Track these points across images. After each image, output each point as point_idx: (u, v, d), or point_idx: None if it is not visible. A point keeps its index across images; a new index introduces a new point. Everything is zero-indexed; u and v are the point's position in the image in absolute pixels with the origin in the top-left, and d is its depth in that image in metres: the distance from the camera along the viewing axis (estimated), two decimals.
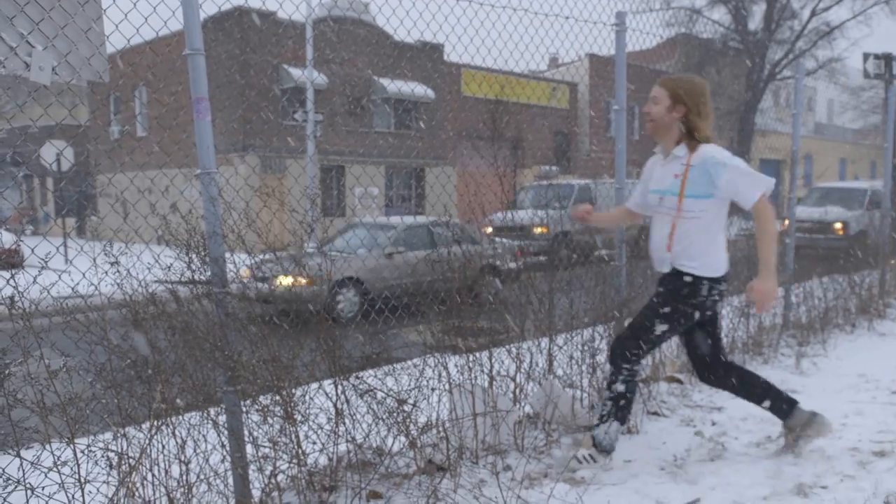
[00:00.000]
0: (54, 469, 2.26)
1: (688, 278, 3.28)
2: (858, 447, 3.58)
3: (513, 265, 5.06)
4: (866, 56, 8.30)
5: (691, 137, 3.29)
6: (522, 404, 3.83)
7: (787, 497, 3.03)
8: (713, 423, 4.04)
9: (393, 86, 21.56)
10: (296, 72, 19.62)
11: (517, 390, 3.74)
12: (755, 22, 27.40)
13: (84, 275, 2.58)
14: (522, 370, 3.79)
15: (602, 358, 4.19)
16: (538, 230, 11.23)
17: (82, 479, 2.30)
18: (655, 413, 4.19)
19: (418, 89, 22.67)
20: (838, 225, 13.88)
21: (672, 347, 4.93)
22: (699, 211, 3.25)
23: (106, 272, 2.60)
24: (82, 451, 2.35)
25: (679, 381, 4.71)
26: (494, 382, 3.64)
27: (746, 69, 27.00)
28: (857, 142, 44.47)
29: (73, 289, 2.49)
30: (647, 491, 3.13)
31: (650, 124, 3.37)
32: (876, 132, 37.00)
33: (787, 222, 7.26)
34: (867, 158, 42.26)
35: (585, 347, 4.13)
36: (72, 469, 2.31)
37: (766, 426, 3.96)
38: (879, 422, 3.97)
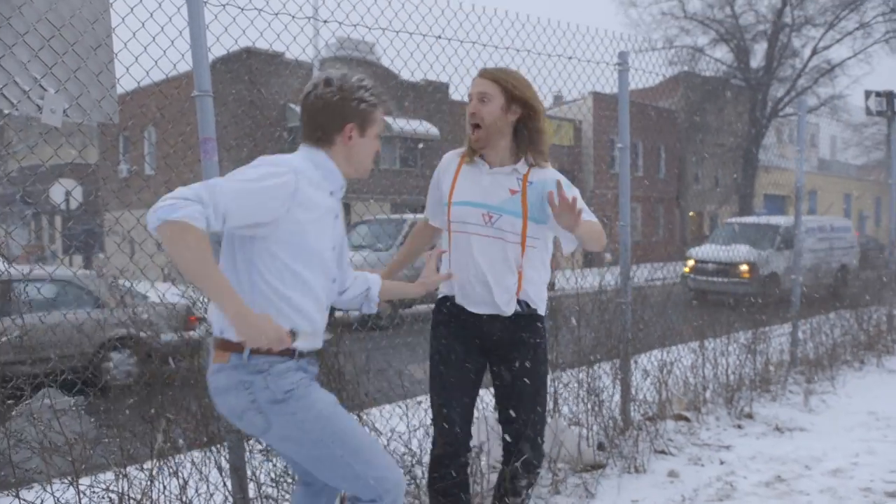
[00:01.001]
0: None
1: (539, 323, 2.67)
2: (871, 487, 3.53)
3: None
4: (868, 93, 8.36)
5: (538, 150, 2.60)
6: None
7: None
8: (721, 462, 3.99)
9: (398, 124, 21.78)
10: None
11: None
12: (757, 60, 27.73)
13: (89, 314, 2.59)
14: None
15: (606, 396, 4.17)
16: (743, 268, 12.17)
17: None
18: (663, 451, 4.14)
19: (423, 127, 22.91)
20: (744, 267, 11.99)
21: (679, 384, 4.90)
22: (543, 238, 2.64)
23: (111, 309, 2.61)
24: (83, 493, 2.33)
25: (686, 419, 4.66)
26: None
27: (749, 106, 27.22)
28: (862, 178, 44.58)
29: (77, 328, 2.50)
30: None
31: (478, 131, 2.52)
32: (880, 168, 37.11)
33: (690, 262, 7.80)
34: (872, 194, 42.32)
35: (591, 385, 4.10)
36: None
37: (775, 465, 3.91)
38: (892, 461, 3.92)
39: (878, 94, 8.32)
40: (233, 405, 2.00)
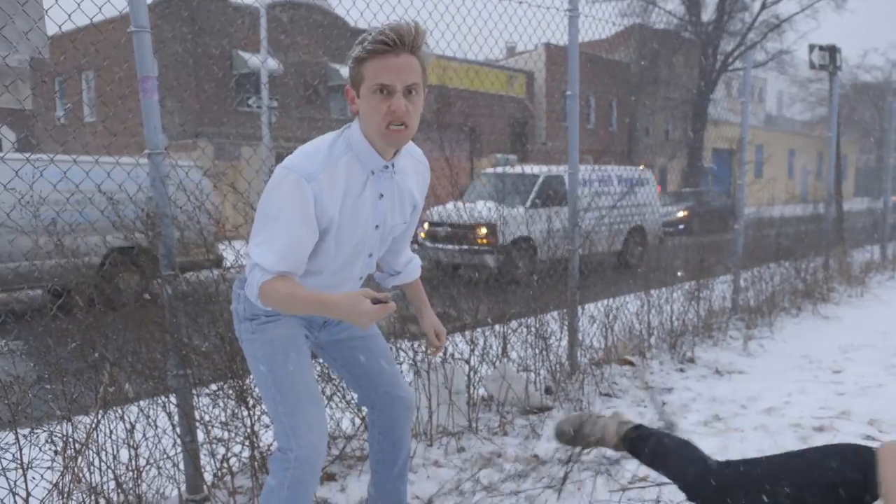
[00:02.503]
0: None
1: None
2: (801, 423, 3.70)
3: None
4: (812, 47, 8.51)
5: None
6: (477, 386, 3.85)
7: None
8: (664, 403, 4.13)
9: (348, 71, 21.36)
10: (249, 56, 19.29)
11: (472, 373, 3.76)
12: (708, 14, 27.91)
13: (25, 257, 2.51)
14: (477, 353, 3.82)
15: (554, 341, 4.25)
16: (481, 231, 8.96)
17: (24, 464, 2.24)
18: (608, 394, 4.27)
19: None
20: (481, 230, 8.78)
21: (625, 331, 5.03)
22: None
23: (48, 253, 2.53)
24: (24, 436, 2.29)
25: (631, 364, 4.79)
26: (448, 365, 3.65)
27: (699, 60, 27.48)
28: (806, 133, 45.68)
29: (13, 269, 2.42)
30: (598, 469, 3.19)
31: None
32: (823, 124, 38.05)
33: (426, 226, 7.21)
34: (815, 149, 43.45)
35: (539, 331, 4.17)
36: (13, 455, 2.25)
37: (714, 405, 4.06)
38: (820, 399, 4.11)
39: (821, 48, 8.47)
40: (233, 309, 2.17)
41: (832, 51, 8.50)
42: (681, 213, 15.45)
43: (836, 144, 8.98)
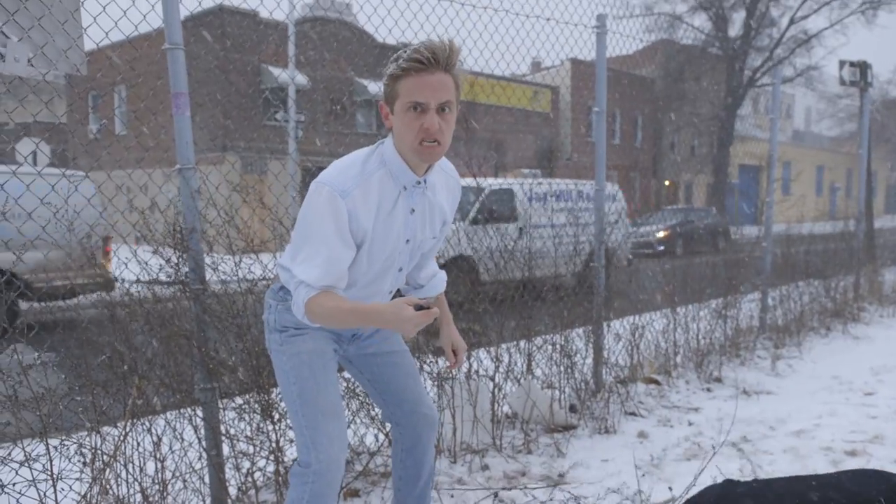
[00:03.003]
0: (25, 465, 2.23)
1: None
2: (832, 447, 3.63)
3: None
4: (842, 63, 8.41)
5: None
6: (501, 403, 3.83)
7: None
8: (689, 424, 4.07)
9: (374, 87, 21.53)
10: (277, 71, 19.53)
11: (496, 390, 3.74)
12: (735, 29, 27.75)
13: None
14: (501, 370, 3.80)
15: (579, 358, 4.22)
16: None
17: (54, 476, 2.27)
18: (633, 413, 4.22)
19: None
20: None
21: (651, 349, 4.97)
22: None
23: (81, 266, 2.57)
24: (55, 448, 2.32)
25: (657, 383, 4.74)
26: (472, 382, 3.64)
27: (726, 76, 27.31)
28: (834, 149, 45.10)
29: (47, 284, 2.46)
30: (623, 490, 3.15)
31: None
32: (852, 140, 37.58)
33: None
34: (844, 166, 42.89)
35: (564, 348, 4.14)
36: (44, 465, 2.28)
37: (742, 426, 4.00)
38: (852, 422, 4.03)
39: (851, 64, 8.37)
40: (264, 319, 2.19)
41: (863, 67, 8.40)
42: (661, 234, 13.44)
43: (867, 161, 8.85)
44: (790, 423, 4.04)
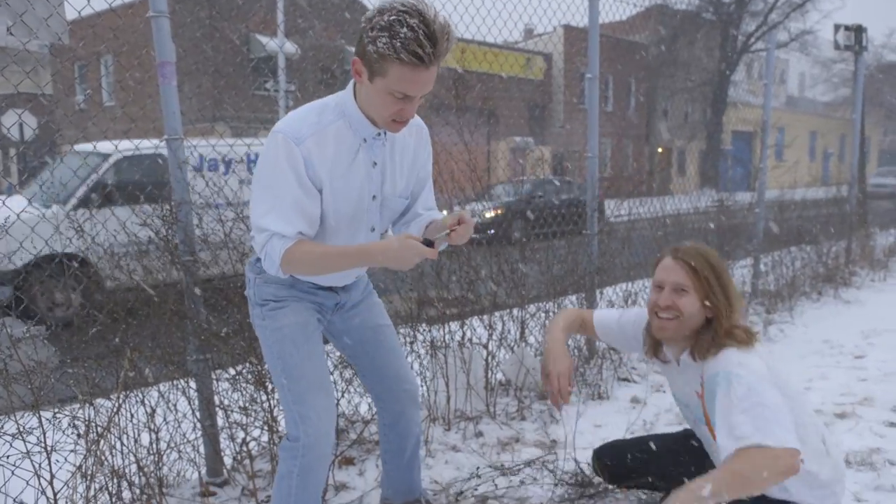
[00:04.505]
0: (19, 437, 2.23)
1: None
2: (822, 409, 3.67)
3: None
4: (837, 27, 8.33)
5: (713, 337, 2.12)
6: (495, 371, 3.85)
7: None
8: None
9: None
10: (266, 40, 19.28)
11: (489, 357, 3.76)
12: None
13: (47, 242, 2.53)
14: (494, 338, 3.81)
15: None
16: None
17: (48, 448, 2.27)
18: (626, 379, 4.25)
19: None
20: None
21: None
22: None
23: (70, 239, 2.55)
24: (48, 420, 2.31)
25: None
26: (466, 350, 3.65)
27: (720, 41, 27.09)
28: (828, 115, 44.97)
29: (35, 256, 2.44)
30: None
31: (671, 322, 2.14)
32: (846, 105, 37.43)
33: None
34: (837, 131, 42.78)
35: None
36: (38, 438, 2.28)
37: None
38: (842, 385, 4.07)
39: (846, 28, 8.30)
40: (246, 294, 2.17)
41: (858, 31, 8.33)
42: (489, 214, 10.13)
43: (860, 126, 8.82)
44: None
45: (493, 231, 4.27)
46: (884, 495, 2.72)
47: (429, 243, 1.87)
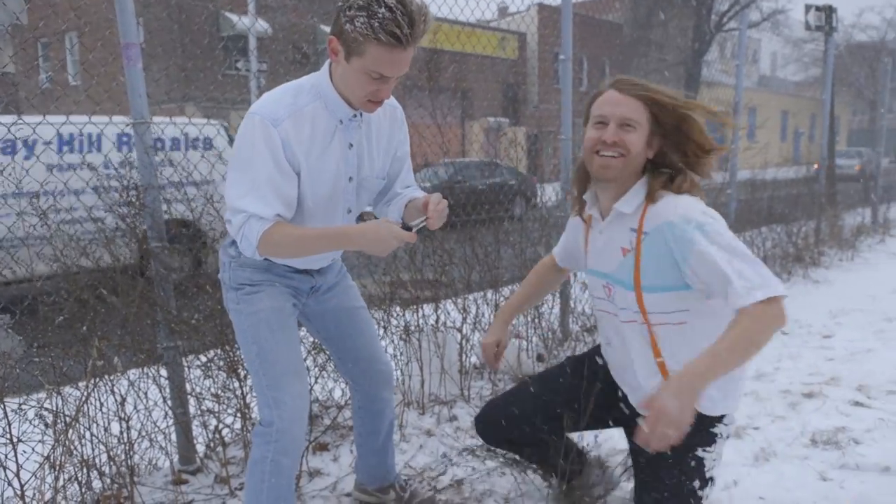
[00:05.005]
0: None
1: (709, 429, 2.00)
2: (790, 389, 3.73)
3: None
4: (808, 7, 8.41)
5: (660, 179, 1.93)
6: (469, 354, 3.85)
7: None
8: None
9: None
10: (235, 18, 18.95)
11: (463, 341, 3.76)
12: None
13: (10, 228, 2.46)
14: (468, 321, 3.81)
15: (546, 308, 4.24)
16: None
17: (14, 439, 2.23)
18: None
19: None
20: None
21: None
22: (677, 312, 1.89)
23: (33, 225, 2.49)
24: (13, 410, 2.27)
25: None
26: (440, 333, 3.65)
27: (694, 20, 27.17)
28: (799, 94, 45.43)
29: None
30: (588, 435, 3.20)
31: (616, 160, 1.90)
32: (816, 85, 37.85)
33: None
34: (808, 111, 43.27)
35: None
36: (3, 429, 2.24)
37: None
38: (810, 365, 4.14)
39: (817, 9, 8.37)
40: (219, 278, 2.13)
41: (828, 11, 8.41)
42: None
43: (830, 105, 8.92)
44: (751, 367, 4.14)
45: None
46: (848, 473, 2.78)
47: (407, 228, 1.86)
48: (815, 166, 8.63)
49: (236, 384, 2.86)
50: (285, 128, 1.85)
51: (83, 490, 2.48)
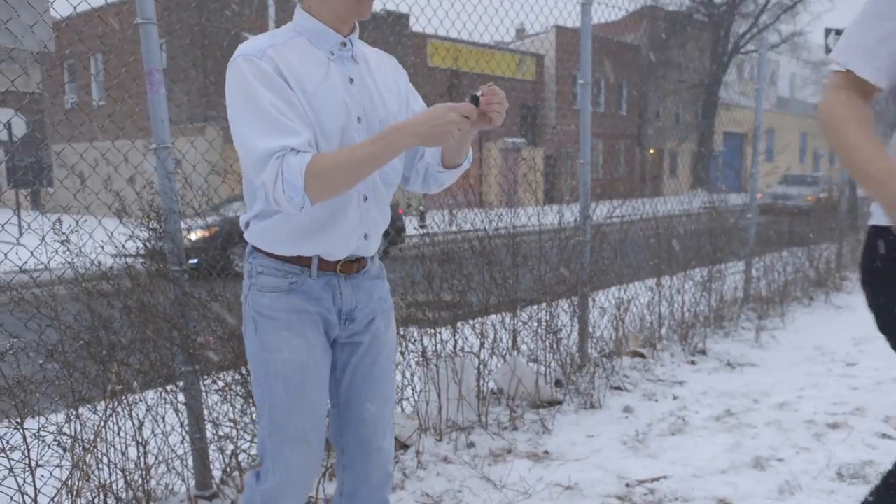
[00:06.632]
0: (2, 454, 2.18)
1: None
2: (814, 419, 3.66)
3: None
4: (827, 31, 8.36)
5: None
6: (486, 380, 3.82)
7: (744, 470, 3.09)
8: (674, 398, 4.09)
9: None
10: None
11: (481, 366, 3.73)
12: None
13: (32, 253, 2.48)
14: (486, 346, 3.78)
15: (564, 333, 4.21)
16: None
17: (33, 464, 2.23)
18: (618, 388, 4.23)
19: None
20: None
21: (635, 322, 4.98)
22: None
23: (56, 250, 2.50)
24: (33, 435, 2.27)
25: (642, 356, 4.76)
26: (458, 359, 3.62)
27: (711, 43, 27.18)
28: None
29: (20, 268, 2.40)
30: (609, 466, 3.16)
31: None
32: None
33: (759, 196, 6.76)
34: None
35: (549, 323, 4.13)
36: (22, 453, 2.24)
37: (726, 400, 4.02)
38: (834, 394, 4.06)
39: (837, 32, 8.31)
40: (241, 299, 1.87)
41: None
42: (195, 235, 3.73)
43: None
44: (774, 396, 4.07)
45: (196, 260, 3.31)
46: None
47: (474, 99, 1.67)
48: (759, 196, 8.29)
49: (253, 409, 2.85)
50: (269, 55, 1.67)
51: None
